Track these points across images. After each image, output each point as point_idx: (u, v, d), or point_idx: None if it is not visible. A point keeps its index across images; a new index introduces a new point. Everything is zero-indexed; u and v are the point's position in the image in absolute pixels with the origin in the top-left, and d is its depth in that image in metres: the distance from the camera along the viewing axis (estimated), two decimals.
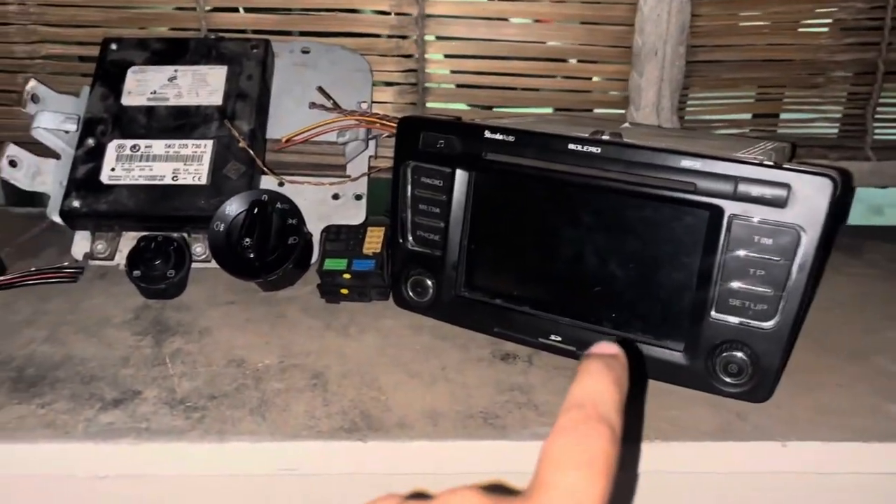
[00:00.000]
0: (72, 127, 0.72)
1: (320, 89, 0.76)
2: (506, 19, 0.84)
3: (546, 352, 0.57)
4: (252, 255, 0.62)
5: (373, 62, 0.82)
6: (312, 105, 0.75)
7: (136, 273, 0.63)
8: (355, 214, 0.74)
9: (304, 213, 0.69)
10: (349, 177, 0.75)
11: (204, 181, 0.70)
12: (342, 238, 0.65)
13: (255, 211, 0.63)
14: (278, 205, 0.65)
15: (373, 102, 0.80)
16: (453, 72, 0.86)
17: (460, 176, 0.57)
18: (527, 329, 0.57)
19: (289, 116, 0.77)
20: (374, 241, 0.65)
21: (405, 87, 0.85)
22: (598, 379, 0.27)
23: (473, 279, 0.59)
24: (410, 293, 0.62)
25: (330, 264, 0.64)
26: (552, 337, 0.56)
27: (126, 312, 0.63)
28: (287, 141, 0.72)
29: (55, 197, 0.71)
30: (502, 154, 0.55)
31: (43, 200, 0.74)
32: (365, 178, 0.75)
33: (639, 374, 0.53)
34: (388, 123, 0.71)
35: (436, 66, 0.85)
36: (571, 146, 0.52)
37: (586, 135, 0.53)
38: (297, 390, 0.52)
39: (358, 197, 0.74)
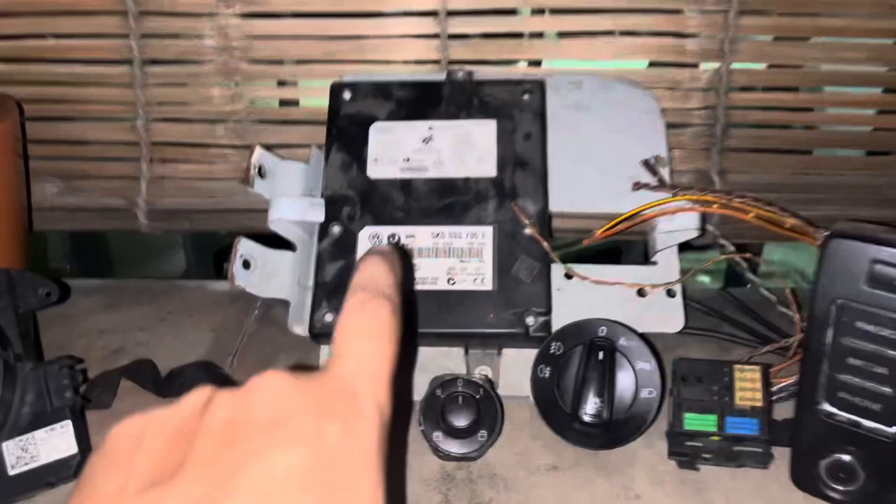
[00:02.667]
0: (319, 216, 0.56)
1: (645, 163, 0.58)
2: None
3: None
4: (596, 419, 0.45)
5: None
6: (638, 186, 0.56)
7: (437, 436, 0.48)
8: (671, 319, 0.56)
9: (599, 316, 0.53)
10: (654, 263, 0.58)
11: (489, 285, 0.53)
12: (701, 380, 0.48)
13: (597, 354, 0.46)
14: (622, 340, 0.48)
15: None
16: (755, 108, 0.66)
17: None
18: None
19: (567, 183, 0.59)
20: (748, 386, 0.47)
21: (698, 128, 0.66)
22: (374, 265, 0.30)
23: None
24: (826, 477, 0.44)
25: (693, 422, 0.47)
26: None
27: (426, 488, 0.48)
28: (603, 233, 0.55)
29: (296, 304, 0.56)
30: None
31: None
32: (677, 269, 0.57)
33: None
34: (768, 212, 0.52)
35: (743, 100, 0.65)
36: None
37: None
38: None
39: (671, 293, 0.57)
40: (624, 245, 1.00)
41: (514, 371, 0.55)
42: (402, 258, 0.32)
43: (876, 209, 0.66)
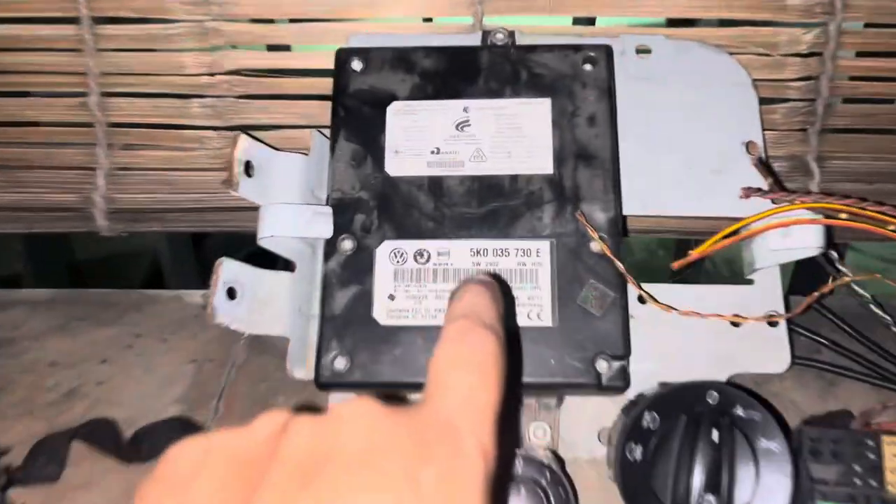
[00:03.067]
0: (326, 230, 0.43)
1: (760, 163, 0.45)
2: None
3: None
4: None
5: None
6: (749, 192, 0.43)
7: None
8: (774, 357, 0.44)
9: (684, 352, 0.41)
10: (750, 282, 0.46)
11: (548, 320, 0.41)
12: (837, 455, 0.36)
13: (709, 432, 0.34)
14: (738, 410, 0.36)
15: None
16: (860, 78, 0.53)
17: None
18: None
19: (636, 178, 0.47)
20: None
21: (795, 104, 0.52)
22: (476, 294, 0.28)
23: None
24: None
25: None
26: None
27: None
28: (701, 252, 0.42)
29: (297, 339, 0.44)
30: None
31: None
32: (780, 292, 0.45)
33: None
34: None
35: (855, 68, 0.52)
36: None
37: None
38: None
39: (773, 323, 0.44)
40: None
41: (578, 425, 0.44)
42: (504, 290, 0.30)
43: None
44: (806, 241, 0.41)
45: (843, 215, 0.40)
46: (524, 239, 0.43)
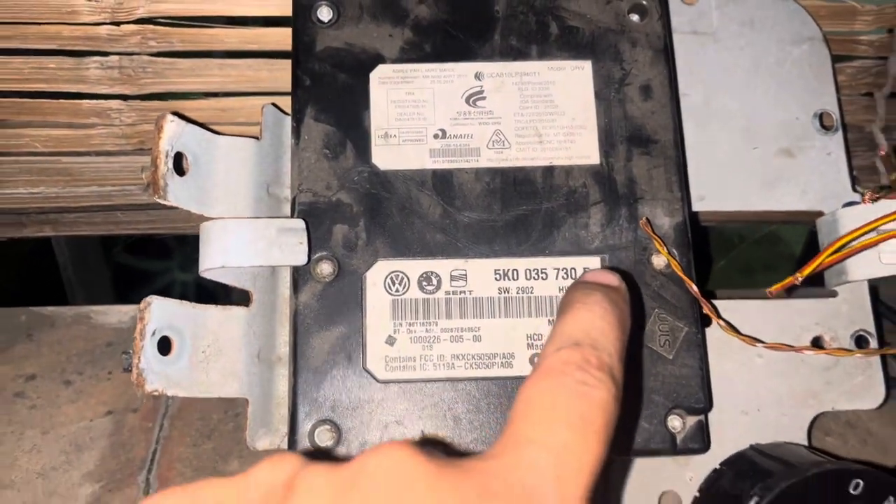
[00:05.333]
0: (300, 257, 0.30)
1: (887, 157, 0.34)
2: None
3: None
4: None
5: None
6: (875, 195, 0.33)
7: None
8: (866, 388, 0.35)
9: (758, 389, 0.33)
10: (833, 295, 0.36)
11: None
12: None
13: None
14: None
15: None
16: None
17: None
18: None
19: (692, 165, 0.36)
20: None
21: (864, 62, 0.43)
22: (597, 313, 0.22)
23: None
24: None
25: None
26: None
27: None
28: (806, 275, 0.31)
29: (258, 396, 0.31)
30: None
31: None
32: (869, 307, 0.36)
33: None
34: None
35: None
36: None
37: None
38: None
39: (862, 345, 0.36)
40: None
41: (631, 488, 0.34)
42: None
43: None
44: None
45: None
46: (567, 255, 0.32)
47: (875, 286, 0.38)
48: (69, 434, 0.37)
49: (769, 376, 0.35)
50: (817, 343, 0.36)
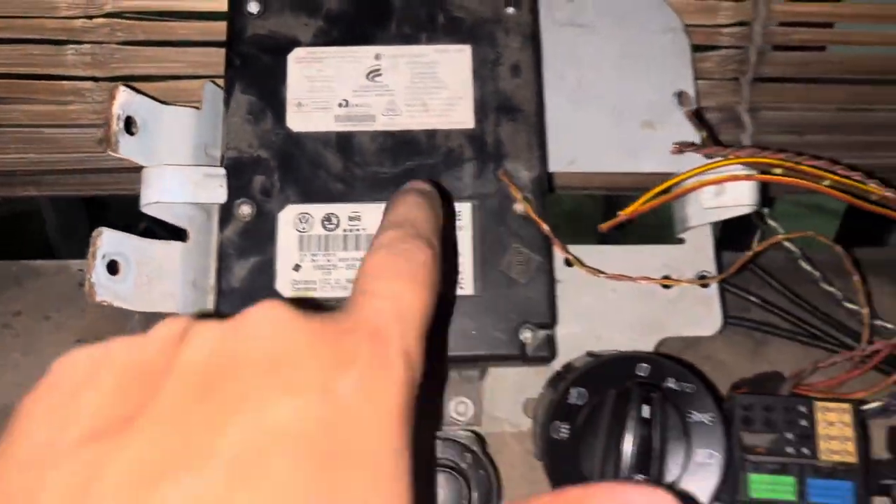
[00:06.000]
0: (218, 195, 0.38)
1: (694, 114, 0.42)
2: None
3: None
4: None
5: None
6: (680, 148, 0.40)
7: None
8: (705, 318, 0.42)
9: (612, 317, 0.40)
10: (681, 241, 0.43)
11: (469, 288, 0.38)
12: (770, 425, 0.35)
13: (639, 408, 0.31)
14: (670, 383, 0.33)
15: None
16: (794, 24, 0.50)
17: None
18: None
19: (562, 131, 0.43)
20: (834, 433, 0.34)
21: (727, 51, 0.50)
22: (413, 204, 0.27)
23: None
24: None
25: (762, 488, 0.34)
26: None
27: None
28: (629, 214, 0.39)
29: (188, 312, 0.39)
30: None
31: None
32: (712, 251, 0.43)
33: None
34: (848, 180, 0.37)
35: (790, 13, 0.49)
36: None
37: None
38: None
39: (705, 284, 0.43)
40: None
41: (502, 397, 0.41)
42: (445, 202, 0.28)
43: None
44: (740, 198, 0.39)
45: (779, 170, 0.38)
46: None
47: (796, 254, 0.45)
48: (45, 356, 0.45)
49: (621, 307, 0.42)
50: (668, 284, 0.43)
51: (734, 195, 0.39)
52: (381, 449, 0.18)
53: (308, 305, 0.21)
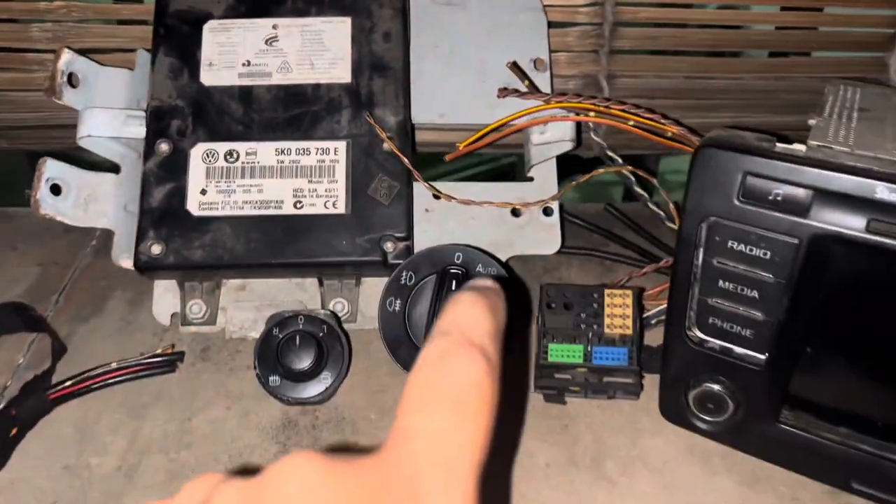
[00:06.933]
0: (139, 132, 0.48)
1: (514, 66, 0.51)
2: None
3: None
4: None
5: None
6: (505, 92, 0.50)
7: (274, 380, 0.42)
8: (547, 240, 0.51)
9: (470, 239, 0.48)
10: (531, 180, 0.52)
11: (342, 208, 0.47)
12: (568, 307, 0.44)
13: (451, 285, 0.41)
14: (479, 268, 0.43)
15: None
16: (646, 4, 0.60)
17: (811, 248, 0.35)
18: None
19: (435, 91, 0.53)
20: (618, 312, 0.43)
21: (585, 27, 0.59)
22: (467, 306, 0.22)
23: (810, 401, 0.39)
24: (695, 408, 0.41)
25: (557, 354, 0.43)
26: None
27: (263, 437, 0.42)
28: (467, 146, 0.48)
29: (122, 233, 0.49)
30: None
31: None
32: (554, 184, 0.52)
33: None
34: (648, 120, 0.46)
35: None
36: None
37: None
38: None
39: (547, 212, 0.52)
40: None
41: (373, 302, 0.50)
42: (507, 297, 0.24)
43: (773, 115, 0.62)
44: (559, 134, 0.48)
45: (591, 113, 0.48)
46: (323, 140, 0.49)
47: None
48: (11, 275, 0.54)
49: (479, 231, 0.51)
50: (516, 213, 0.52)
51: (555, 133, 0.48)
52: None
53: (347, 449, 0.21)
